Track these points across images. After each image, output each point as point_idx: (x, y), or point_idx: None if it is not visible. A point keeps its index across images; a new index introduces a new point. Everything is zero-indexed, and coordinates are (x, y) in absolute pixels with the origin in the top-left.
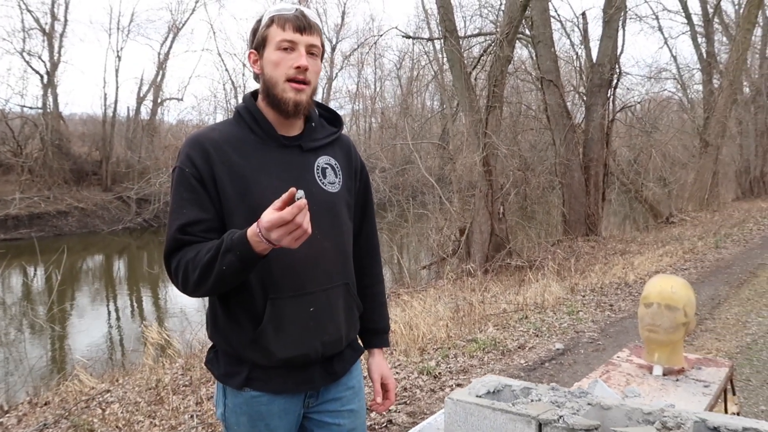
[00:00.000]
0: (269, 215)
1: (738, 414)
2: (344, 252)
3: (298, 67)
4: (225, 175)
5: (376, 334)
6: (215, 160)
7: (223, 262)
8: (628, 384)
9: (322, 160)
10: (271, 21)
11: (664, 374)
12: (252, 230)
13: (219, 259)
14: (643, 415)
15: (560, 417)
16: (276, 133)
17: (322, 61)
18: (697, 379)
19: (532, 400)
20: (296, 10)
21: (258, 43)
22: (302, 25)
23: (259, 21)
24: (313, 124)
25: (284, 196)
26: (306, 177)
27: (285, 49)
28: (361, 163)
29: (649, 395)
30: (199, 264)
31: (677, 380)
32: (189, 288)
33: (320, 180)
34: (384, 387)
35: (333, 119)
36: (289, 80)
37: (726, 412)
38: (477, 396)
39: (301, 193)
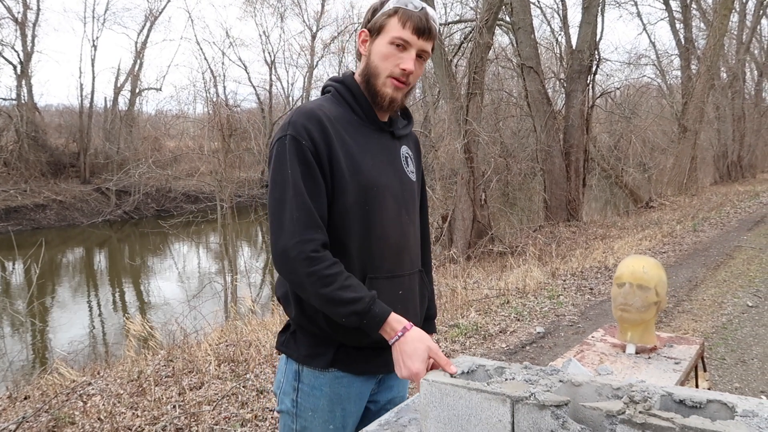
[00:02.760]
0: (420, 367)
1: (709, 390)
2: (418, 239)
3: (404, 69)
4: (340, 151)
5: (426, 319)
6: (332, 136)
7: (349, 318)
8: (601, 362)
9: (404, 149)
10: (395, 12)
11: (636, 352)
12: (397, 325)
13: (349, 310)
14: (613, 390)
15: (532, 394)
16: (376, 116)
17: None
18: (668, 357)
19: (506, 379)
20: (422, 9)
21: (373, 27)
22: (423, 27)
23: (383, 2)
24: (398, 113)
25: (444, 362)
26: (397, 162)
27: (398, 45)
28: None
29: (621, 373)
30: (330, 290)
31: (649, 358)
32: (303, 285)
33: (405, 167)
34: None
35: (403, 112)
36: (392, 77)
37: (697, 387)
38: (452, 376)
39: (455, 368)
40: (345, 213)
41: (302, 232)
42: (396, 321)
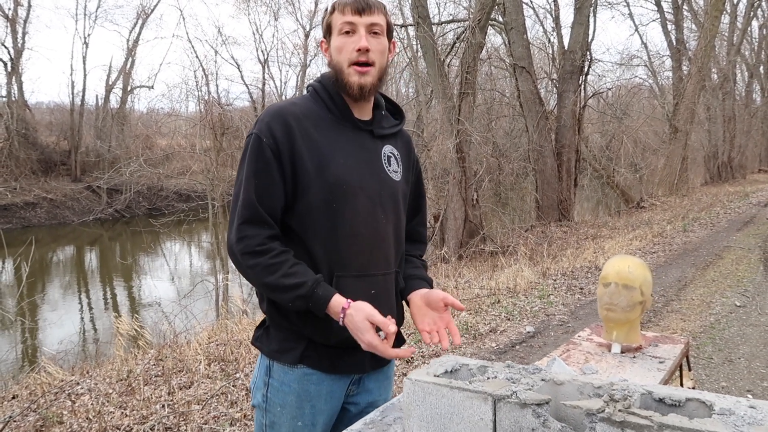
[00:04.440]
0: (369, 337)
1: (693, 388)
2: (400, 240)
3: (359, 50)
4: (305, 149)
5: (424, 280)
6: (296, 134)
7: (294, 303)
8: (586, 361)
9: (387, 149)
10: (333, 8)
11: (622, 352)
12: (337, 306)
13: (293, 295)
14: (594, 389)
15: (514, 393)
16: (352, 115)
17: (391, 38)
18: (653, 356)
19: (488, 378)
20: None
21: (325, 31)
22: (360, 6)
23: (326, 10)
24: (383, 112)
25: (379, 321)
26: (375, 161)
27: (347, 32)
28: (416, 158)
29: (606, 372)
30: (274, 278)
31: (634, 357)
32: (249, 277)
33: (386, 167)
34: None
35: (395, 111)
36: (353, 64)
37: (681, 386)
38: (435, 375)
39: (393, 327)
40: (309, 210)
41: (246, 228)
42: (336, 303)
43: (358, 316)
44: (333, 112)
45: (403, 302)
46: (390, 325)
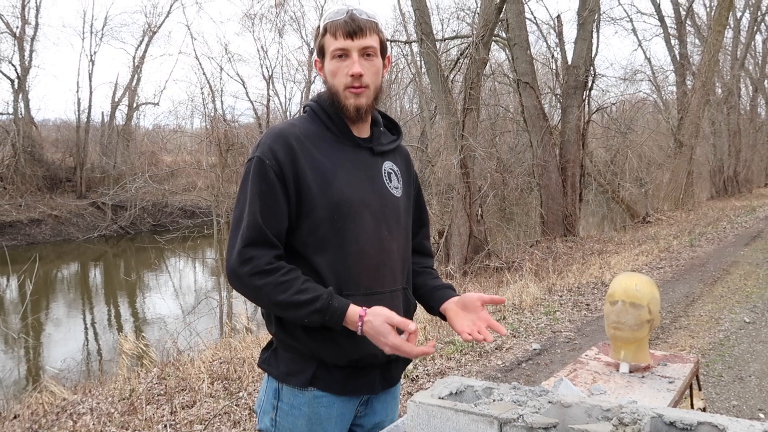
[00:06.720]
0: (393, 338)
1: (704, 409)
2: (406, 256)
3: (352, 75)
4: (308, 169)
5: (447, 288)
6: (299, 155)
7: (310, 318)
8: (594, 382)
9: (387, 165)
10: (325, 30)
11: (630, 371)
12: (354, 315)
13: (309, 310)
14: (603, 411)
15: (520, 416)
16: (351, 133)
17: (385, 56)
18: (662, 376)
19: (494, 400)
20: (347, 13)
21: (319, 52)
22: (352, 29)
23: (318, 28)
24: (381, 129)
25: (398, 321)
26: (377, 178)
27: (339, 56)
28: (415, 173)
29: (614, 392)
30: (287, 296)
31: (643, 377)
32: (258, 297)
33: (387, 183)
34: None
35: (392, 127)
36: (347, 88)
37: (692, 407)
38: (439, 398)
39: (413, 325)
40: (315, 229)
41: (251, 250)
42: (353, 312)
43: (377, 320)
44: (332, 130)
45: (439, 314)
46: (410, 324)
